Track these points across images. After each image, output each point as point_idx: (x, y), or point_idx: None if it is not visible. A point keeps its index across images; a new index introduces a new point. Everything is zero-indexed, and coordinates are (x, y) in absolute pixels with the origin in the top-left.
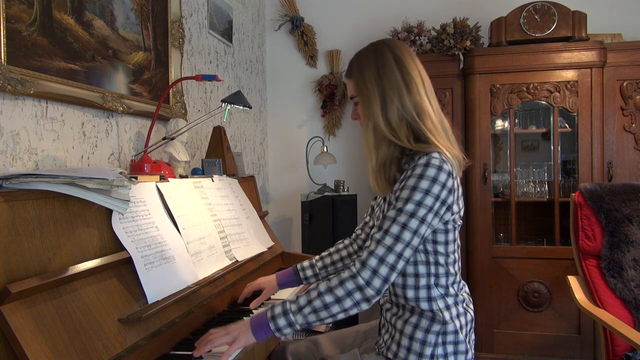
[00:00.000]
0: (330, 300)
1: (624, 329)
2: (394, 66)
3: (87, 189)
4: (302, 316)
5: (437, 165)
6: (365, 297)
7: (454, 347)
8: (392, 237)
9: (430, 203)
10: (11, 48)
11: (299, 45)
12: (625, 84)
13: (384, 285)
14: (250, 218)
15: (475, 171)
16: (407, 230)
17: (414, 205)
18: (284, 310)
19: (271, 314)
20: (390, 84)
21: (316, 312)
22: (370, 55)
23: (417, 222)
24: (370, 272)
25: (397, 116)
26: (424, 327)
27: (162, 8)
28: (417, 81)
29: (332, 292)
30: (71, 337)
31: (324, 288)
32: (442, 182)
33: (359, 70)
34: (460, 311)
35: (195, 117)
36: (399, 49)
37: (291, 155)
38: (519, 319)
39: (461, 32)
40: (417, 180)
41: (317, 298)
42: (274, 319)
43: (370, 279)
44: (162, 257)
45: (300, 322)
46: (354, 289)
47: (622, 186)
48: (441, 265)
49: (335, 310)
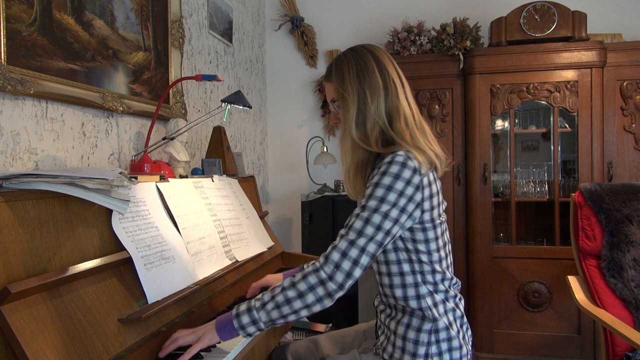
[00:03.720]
0: (293, 295)
1: (624, 329)
2: (375, 69)
3: (87, 189)
4: (265, 312)
5: (400, 162)
6: (328, 291)
7: (448, 344)
8: (355, 231)
9: (392, 199)
10: (11, 48)
11: (299, 45)
12: (625, 84)
13: (347, 280)
14: (250, 218)
15: (475, 171)
16: (369, 225)
17: (376, 202)
18: (248, 308)
19: (236, 311)
20: (370, 86)
21: (279, 307)
22: (351, 59)
23: (380, 217)
24: (332, 266)
25: (371, 121)
26: (416, 327)
27: (162, 8)
28: (397, 83)
29: (294, 287)
30: (71, 337)
31: (288, 283)
32: (406, 179)
33: (339, 73)
34: (450, 307)
35: (195, 117)
36: (378, 52)
37: (291, 155)
38: (519, 319)
39: (461, 32)
40: (380, 177)
41: (280, 293)
42: (237, 316)
43: (332, 273)
44: (162, 257)
45: (264, 319)
46: (317, 283)
47: (622, 186)
48: (425, 263)
49: (298, 305)
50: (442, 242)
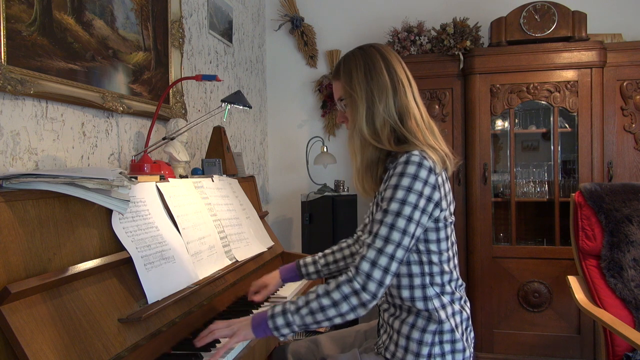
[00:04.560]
0: (327, 303)
1: (624, 329)
2: (382, 68)
3: (87, 189)
4: (300, 317)
5: (417, 162)
6: (362, 302)
7: (451, 346)
8: (382, 239)
9: (414, 200)
10: (11, 48)
11: (299, 45)
12: (625, 84)
13: (380, 289)
14: (250, 218)
15: (475, 171)
16: (395, 230)
17: (398, 204)
18: (283, 310)
19: (271, 312)
20: (378, 86)
21: (313, 314)
22: (359, 58)
23: (404, 221)
24: (364, 276)
25: (381, 120)
26: (421, 327)
27: (162, 8)
28: (405, 83)
29: (329, 295)
30: (71, 337)
31: (322, 291)
32: (424, 179)
33: (347, 71)
34: (457, 309)
35: (195, 117)
36: (387, 51)
37: (291, 155)
38: (519, 319)
39: (461, 32)
40: (398, 179)
41: (314, 300)
42: (273, 317)
43: (365, 284)
44: (162, 257)
45: (298, 322)
46: (350, 292)
47: (622, 186)
48: (435, 264)
49: (332, 313)
50: (450, 242)
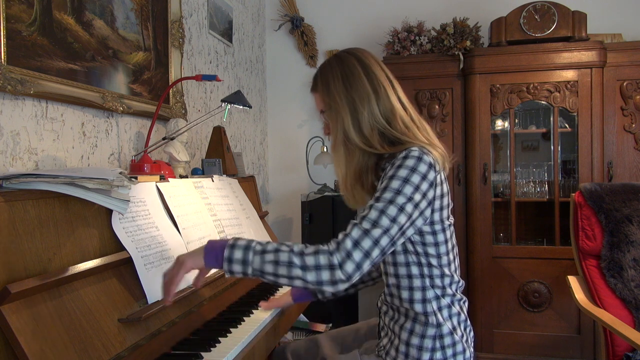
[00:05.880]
0: (297, 263)
1: (624, 329)
2: (361, 73)
3: (87, 189)
4: (261, 261)
5: (416, 156)
6: (334, 279)
7: (452, 350)
8: (369, 222)
9: (409, 192)
10: (11, 48)
11: (299, 45)
12: (625, 84)
13: (356, 272)
14: (250, 218)
15: (475, 171)
16: (384, 216)
17: (392, 193)
18: (246, 246)
19: (233, 241)
20: (358, 93)
21: (277, 264)
22: (336, 66)
23: (396, 210)
24: (344, 254)
25: (368, 126)
26: (419, 333)
27: (162, 8)
28: (386, 85)
29: (302, 256)
30: (71, 337)
31: (298, 249)
32: (422, 173)
33: (325, 83)
34: (455, 311)
35: (195, 117)
36: (363, 55)
37: (291, 155)
38: (519, 319)
39: (461, 32)
40: (395, 170)
41: (285, 252)
42: (232, 247)
43: (343, 262)
44: (162, 257)
45: (256, 265)
46: (326, 265)
47: (622, 186)
48: (434, 267)
49: (296, 274)
50: (450, 245)
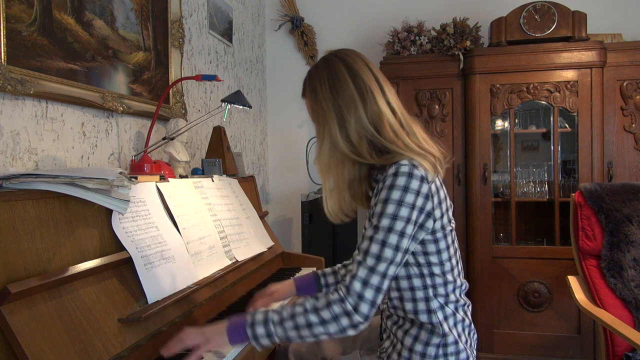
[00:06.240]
0: (315, 321)
1: (624, 329)
2: (347, 79)
3: (87, 189)
4: (283, 329)
5: (407, 172)
6: (353, 323)
7: (456, 357)
8: (373, 257)
9: (406, 214)
10: (11, 48)
11: (299, 45)
12: (625, 84)
13: (372, 309)
14: (250, 218)
15: (475, 171)
16: (386, 247)
17: (389, 220)
18: (265, 319)
19: (251, 320)
20: (345, 99)
21: (298, 329)
22: (323, 71)
23: (397, 237)
24: (356, 297)
25: (356, 134)
26: (424, 340)
27: (162, 8)
28: (374, 88)
29: (317, 313)
30: (71, 337)
31: (310, 307)
32: (415, 190)
33: (312, 89)
34: (460, 318)
35: (195, 117)
36: (351, 57)
37: (291, 155)
38: (519, 319)
39: (461, 32)
40: (387, 192)
41: (301, 315)
42: (253, 325)
43: (357, 305)
44: (162, 257)
45: (280, 335)
46: (341, 313)
47: (622, 186)
48: (437, 275)
49: (319, 331)
50: (453, 249)
